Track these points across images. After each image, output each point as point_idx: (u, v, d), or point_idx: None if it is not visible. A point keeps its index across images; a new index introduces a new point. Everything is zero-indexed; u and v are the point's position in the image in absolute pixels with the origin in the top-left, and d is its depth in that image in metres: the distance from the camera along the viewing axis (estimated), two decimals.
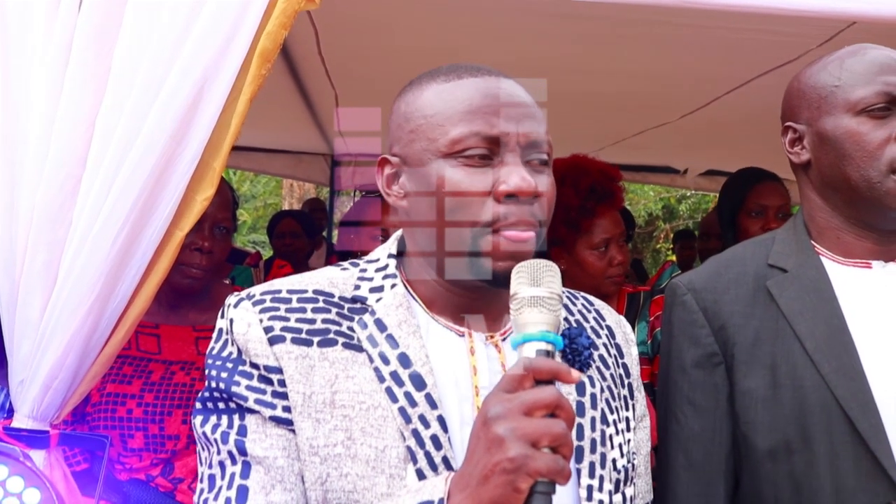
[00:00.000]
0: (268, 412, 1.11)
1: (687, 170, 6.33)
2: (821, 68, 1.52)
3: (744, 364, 1.46)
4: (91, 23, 1.59)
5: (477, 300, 1.21)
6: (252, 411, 1.12)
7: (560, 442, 0.91)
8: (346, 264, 1.27)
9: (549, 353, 0.98)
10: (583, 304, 1.36)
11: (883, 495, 1.34)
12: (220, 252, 2.13)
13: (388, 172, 1.24)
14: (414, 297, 1.23)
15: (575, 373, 0.97)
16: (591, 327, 1.32)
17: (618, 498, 1.20)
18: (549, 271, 1.03)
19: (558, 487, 0.91)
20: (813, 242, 1.54)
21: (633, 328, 2.46)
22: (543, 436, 0.90)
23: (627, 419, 1.29)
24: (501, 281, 1.11)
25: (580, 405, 1.20)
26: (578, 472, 1.16)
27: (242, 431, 1.12)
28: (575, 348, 1.22)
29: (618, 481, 1.21)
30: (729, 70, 3.08)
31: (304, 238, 5.29)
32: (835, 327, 1.42)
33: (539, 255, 1.14)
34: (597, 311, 1.37)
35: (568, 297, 1.35)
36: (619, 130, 4.78)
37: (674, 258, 8.35)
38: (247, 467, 1.10)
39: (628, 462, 1.25)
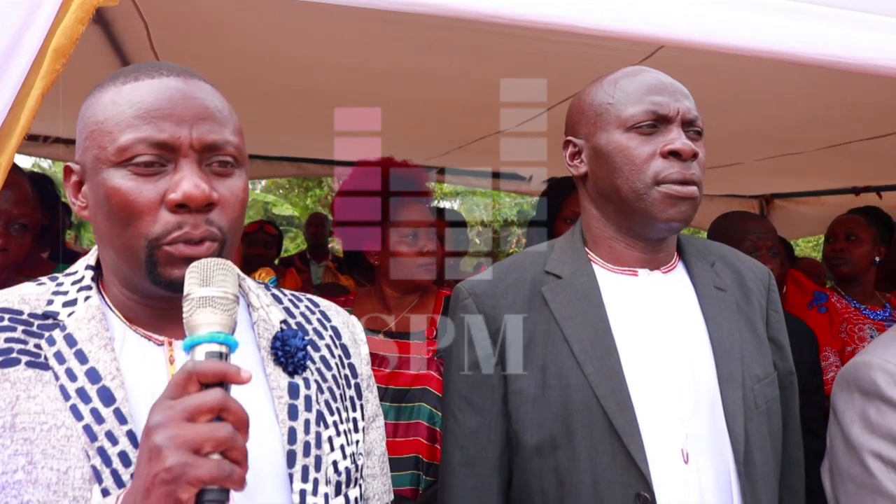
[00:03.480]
0: None
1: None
2: (598, 88, 1.62)
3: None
4: None
5: (171, 308, 1.13)
6: None
7: (227, 446, 0.89)
8: (44, 279, 1.21)
9: (222, 355, 0.96)
10: (306, 306, 1.36)
11: (634, 486, 1.44)
12: (16, 249, 2.06)
13: (73, 181, 1.18)
14: (111, 309, 1.18)
15: (245, 372, 0.94)
16: (314, 328, 1.32)
17: (339, 500, 1.19)
18: (222, 270, 1.02)
19: (266, 492, 0.92)
20: (587, 250, 1.63)
21: None
22: (206, 441, 0.88)
23: (354, 420, 1.29)
24: (179, 290, 1.05)
25: (293, 408, 1.18)
26: (291, 476, 1.14)
27: None
28: (288, 350, 1.21)
29: (339, 483, 1.20)
30: (563, 80, 3.19)
31: None
32: (600, 331, 1.52)
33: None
34: (321, 313, 1.37)
35: (291, 299, 1.35)
36: (463, 136, 4.88)
37: None
38: None
39: (352, 463, 1.24)
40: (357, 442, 1.28)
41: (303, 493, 1.14)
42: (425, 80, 3.23)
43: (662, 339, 1.54)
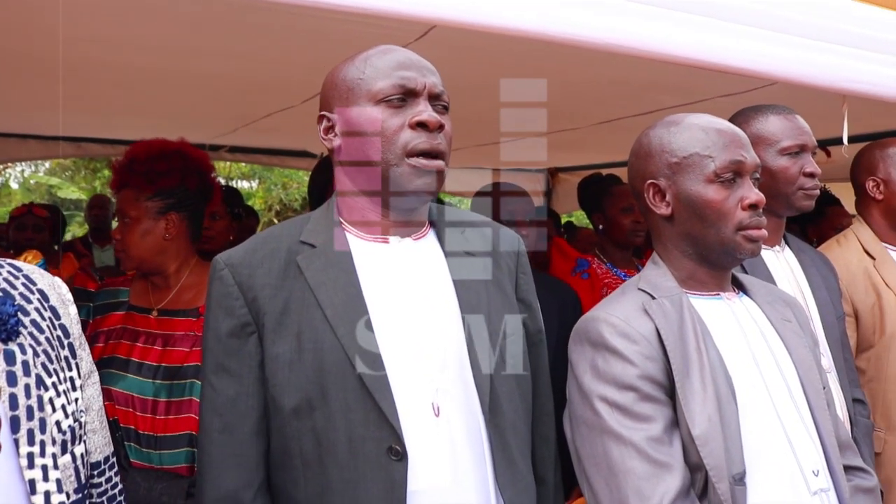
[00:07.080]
0: None
1: (323, 154, 6.49)
2: (349, 64, 1.67)
3: (273, 332, 1.58)
4: None
5: None
6: None
7: None
8: None
9: None
10: (9, 272, 1.35)
11: (386, 440, 1.52)
12: None
13: None
14: None
15: None
16: (21, 293, 1.32)
17: (66, 459, 1.22)
18: None
19: None
20: (341, 220, 1.69)
21: None
22: None
23: (72, 379, 1.32)
24: None
25: (11, 375, 1.19)
26: (16, 441, 1.16)
27: None
28: None
29: (64, 442, 1.23)
30: (335, 59, 3.21)
31: None
32: (351, 295, 1.59)
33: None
34: (26, 276, 1.37)
35: None
36: (247, 114, 4.82)
37: None
38: None
39: (74, 422, 1.28)
40: (77, 400, 1.30)
41: (30, 455, 1.16)
42: (209, 58, 3.17)
43: (413, 301, 1.63)
